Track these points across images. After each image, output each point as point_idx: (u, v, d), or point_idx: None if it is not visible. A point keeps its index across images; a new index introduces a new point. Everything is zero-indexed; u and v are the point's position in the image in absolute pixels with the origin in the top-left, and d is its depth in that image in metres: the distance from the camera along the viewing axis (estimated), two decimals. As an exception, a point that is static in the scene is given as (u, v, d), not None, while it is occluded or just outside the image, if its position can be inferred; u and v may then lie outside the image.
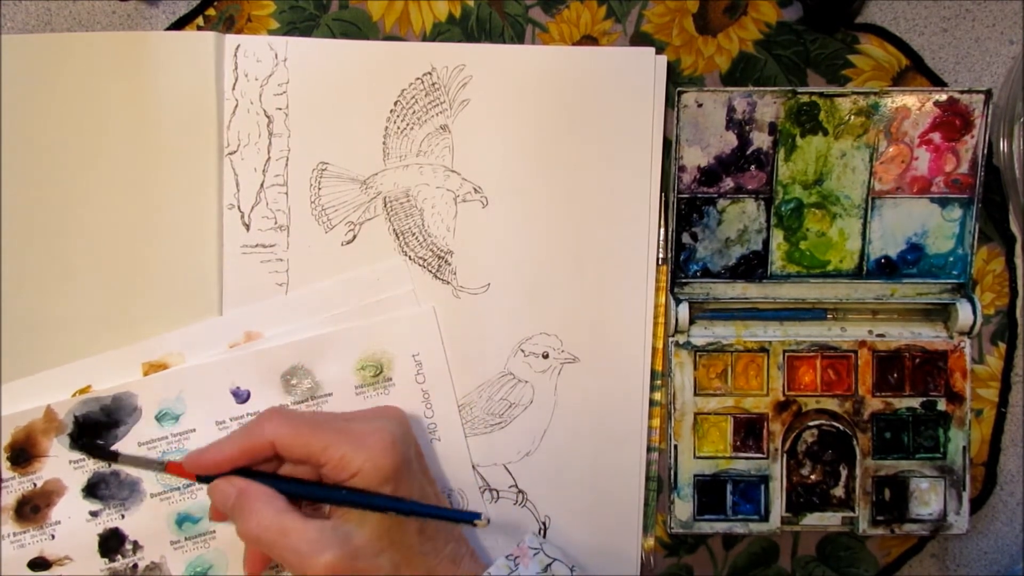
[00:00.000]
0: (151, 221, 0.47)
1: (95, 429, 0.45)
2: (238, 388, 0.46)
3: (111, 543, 0.46)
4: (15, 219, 0.47)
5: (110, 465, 0.46)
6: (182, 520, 0.46)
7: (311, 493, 0.41)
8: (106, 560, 0.45)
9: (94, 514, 0.45)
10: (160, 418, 0.46)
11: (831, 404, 0.48)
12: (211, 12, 0.48)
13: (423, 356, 0.47)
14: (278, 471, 0.42)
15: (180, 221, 0.47)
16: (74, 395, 0.45)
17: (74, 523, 0.45)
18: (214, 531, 0.46)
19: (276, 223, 0.48)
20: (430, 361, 0.47)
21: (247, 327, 0.47)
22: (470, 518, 0.40)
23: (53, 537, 0.45)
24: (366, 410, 0.45)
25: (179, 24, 0.48)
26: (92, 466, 0.45)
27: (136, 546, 0.46)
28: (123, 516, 0.46)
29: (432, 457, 0.47)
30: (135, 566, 0.46)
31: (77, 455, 0.45)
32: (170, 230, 0.47)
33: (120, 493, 0.46)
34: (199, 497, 0.46)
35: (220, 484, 0.41)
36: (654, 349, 0.48)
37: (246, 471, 0.41)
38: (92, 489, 0.45)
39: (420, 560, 0.40)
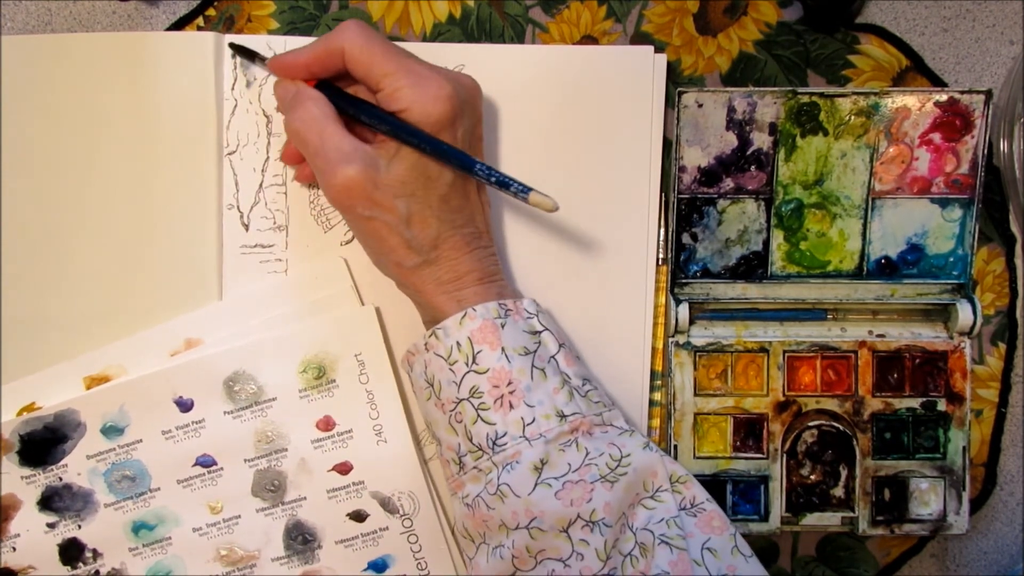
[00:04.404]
0: (151, 222, 0.47)
1: (42, 446, 0.46)
2: (181, 397, 0.46)
3: (71, 552, 0.46)
4: (14, 219, 0.47)
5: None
6: (138, 528, 0.47)
7: (360, 110, 0.41)
8: (68, 568, 0.46)
9: (51, 525, 0.46)
10: (105, 431, 0.46)
11: (831, 404, 0.48)
12: (211, 12, 0.48)
13: (365, 356, 0.47)
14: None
15: (180, 222, 0.47)
16: (19, 413, 0.46)
17: (33, 535, 0.46)
18: (170, 537, 0.47)
19: (275, 223, 0.48)
20: (373, 360, 0.47)
21: (187, 334, 0.47)
22: (517, 189, 0.40)
23: (15, 549, 0.46)
24: (440, 67, 0.43)
25: (179, 24, 0.48)
26: (43, 480, 0.46)
27: (96, 553, 0.47)
28: (79, 527, 0.46)
29: (378, 460, 0.47)
30: (97, 572, 0.46)
31: (28, 471, 0.46)
32: (170, 230, 0.47)
33: (74, 505, 0.46)
34: (152, 505, 0.46)
35: (284, 81, 0.43)
36: (654, 349, 0.48)
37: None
38: (47, 502, 0.46)
39: (434, 222, 0.41)
